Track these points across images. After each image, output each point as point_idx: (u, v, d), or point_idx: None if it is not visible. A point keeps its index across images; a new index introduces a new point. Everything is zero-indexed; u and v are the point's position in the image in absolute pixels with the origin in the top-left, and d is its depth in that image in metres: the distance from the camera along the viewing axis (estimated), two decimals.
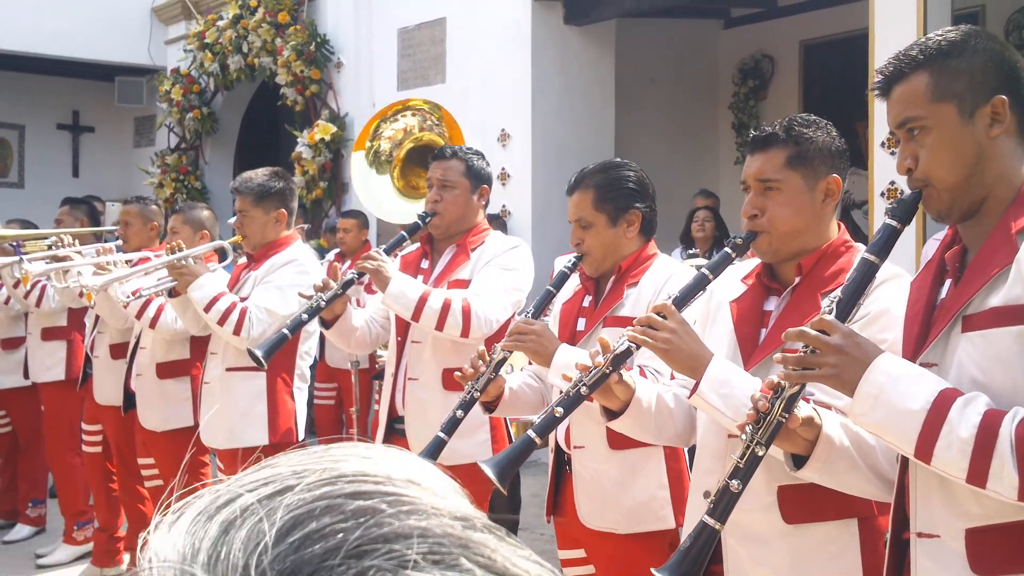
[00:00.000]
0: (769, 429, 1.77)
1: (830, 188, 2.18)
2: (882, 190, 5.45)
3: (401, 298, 3.24)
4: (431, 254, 3.52)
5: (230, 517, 0.50)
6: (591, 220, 2.75)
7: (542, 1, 7.26)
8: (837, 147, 2.20)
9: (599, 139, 7.55)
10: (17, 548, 5.72)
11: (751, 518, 2.12)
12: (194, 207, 4.53)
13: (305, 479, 0.52)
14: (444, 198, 3.40)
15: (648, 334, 2.08)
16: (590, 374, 2.16)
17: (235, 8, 9.10)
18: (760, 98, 9.12)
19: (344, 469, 0.52)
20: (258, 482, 0.52)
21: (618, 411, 2.27)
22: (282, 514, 0.49)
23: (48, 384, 5.47)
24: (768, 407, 1.77)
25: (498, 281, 3.30)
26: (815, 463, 1.86)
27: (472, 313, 3.22)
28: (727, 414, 2.03)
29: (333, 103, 8.56)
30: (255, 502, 0.50)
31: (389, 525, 0.49)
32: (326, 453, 0.55)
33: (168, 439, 4.29)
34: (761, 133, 2.22)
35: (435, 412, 3.27)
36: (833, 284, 2.12)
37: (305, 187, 8.30)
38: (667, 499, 2.71)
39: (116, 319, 4.58)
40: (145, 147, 11.16)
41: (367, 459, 0.54)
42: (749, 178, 2.21)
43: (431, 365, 3.37)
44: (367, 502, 0.50)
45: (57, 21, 9.87)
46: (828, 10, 8.25)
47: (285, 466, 0.54)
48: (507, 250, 3.40)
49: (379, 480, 0.52)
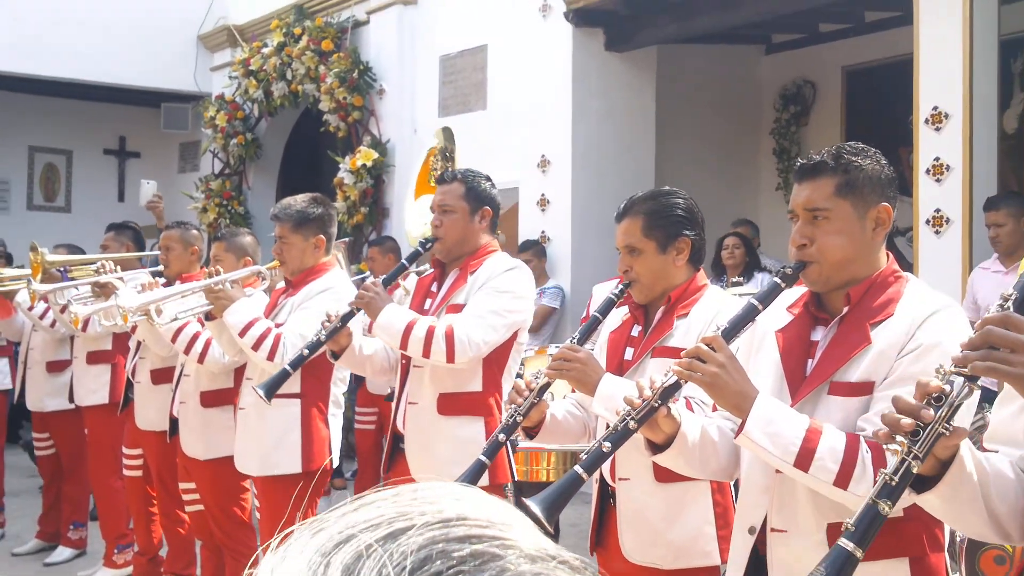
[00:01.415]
0: (930, 440, 1.58)
1: (880, 217, 2.14)
2: (927, 217, 5.37)
3: (388, 328, 3.29)
4: (441, 278, 3.56)
5: (352, 557, 0.51)
6: (640, 247, 2.72)
7: (583, 28, 7.27)
8: (887, 175, 2.16)
9: (639, 165, 7.53)
10: (58, 570, 5.77)
11: (799, 556, 2.07)
12: (236, 233, 4.56)
13: (414, 521, 0.53)
14: (444, 222, 3.44)
15: (695, 367, 2.05)
16: (639, 408, 2.12)
17: (280, 36, 9.22)
18: (802, 124, 9.05)
19: (447, 512, 0.54)
20: (368, 523, 0.53)
21: (663, 444, 2.22)
22: (408, 554, 0.51)
23: (92, 407, 5.51)
24: (932, 416, 1.58)
25: (487, 304, 3.31)
26: (943, 488, 1.68)
27: (455, 338, 3.23)
28: (775, 453, 1.99)
29: (375, 129, 8.63)
30: (374, 542, 0.52)
31: (509, 570, 0.50)
32: (418, 494, 0.56)
33: (210, 467, 4.30)
34: (809, 161, 2.18)
35: (432, 435, 3.32)
36: (882, 314, 2.09)
37: (346, 212, 8.35)
38: (713, 535, 2.67)
39: (161, 347, 4.61)
40: (190, 172, 11.31)
41: (460, 500, 0.56)
42: (797, 207, 2.17)
43: (429, 390, 3.39)
44: (480, 546, 0.52)
45: (105, 49, 10.06)
46: (870, 36, 8.19)
47: (386, 506, 0.55)
48: (502, 272, 3.40)
49: (483, 524, 0.54)
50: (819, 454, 1.97)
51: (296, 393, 3.84)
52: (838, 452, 1.97)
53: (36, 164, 11.66)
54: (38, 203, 11.66)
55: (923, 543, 2.04)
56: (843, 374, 2.08)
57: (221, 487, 4.33)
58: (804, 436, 1.99)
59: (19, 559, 5.98)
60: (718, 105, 8.94)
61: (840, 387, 2.08)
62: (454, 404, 3.38)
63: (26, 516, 6.62)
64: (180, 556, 4.98)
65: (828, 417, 2.06)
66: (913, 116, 5.47)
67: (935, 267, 5.23)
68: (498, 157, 7.54)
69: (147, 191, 7.23)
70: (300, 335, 3.72)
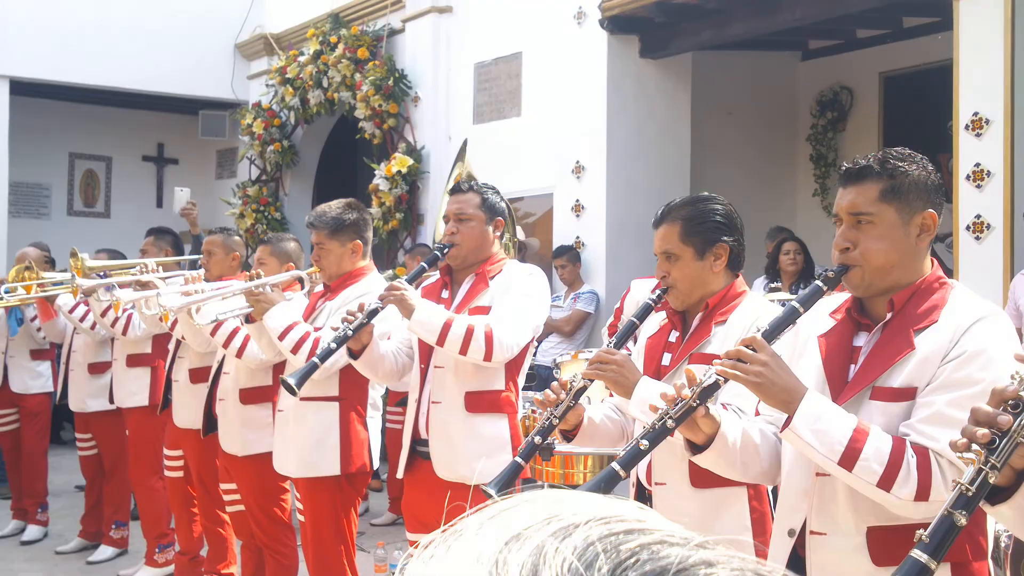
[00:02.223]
0: (1009, 449, 1.58)
1: (925, 223, 2.13)
2: (968, 223, 5.33)
3: (427, 324, 3.31)
4: (451, 284, 3.60)
5: (534, 551, 0.51)
6: (678, 253, 2.72)
7: (618, 35, 7.29)
8: (933, 182, 2.15)
9: (675, 172, 7.53)
10: (100, 569, 5.85)
11: (839, 559, 2.08)
12: (281, 239, 4.62)
13: (573, 520, 0.53)
14: (461, 230, 3.49)
15: (739, 367, 2.04)
16: (676, 407, 2.12)
17: (316, 44, 9.30)
18: (839, 130, 9.00)
19: (596, 512, 0.54)
20: (527, 524, 0.53)
21: (703, 445, 2.22)
22: (596, 541, 0.51)
23: (133, 409, 5.58)
24: (1011, 422, 1.58)
25: (518, 307, 3.38)
26: (1020, 498, 1.68)
27: (495, 338, 3.29)
28: (820, 450, 1.99)
29: (410, 136, 8.68)
30: (549, 536, 0.51)
31: (694, 555, 0.51)
32: (550, 499, 0.56)
33: (249, 464, 4.35)
34: (855, 165, 2.17)
35: (458, 433, 3.36)
36: (926, 321, 2.08)
37: (382, 218, 8.41)
38: (749, 542, 2.66)
39: (199, 343, 4.67)
40: (227, 179, 11.43)
41: (585, 502, 0.56)
42: (841, 211, 2.16)
43: (454, 389, 3.42)
44: (647, 539, 0.52)
45: (144, 58, 10.20)
46: (908, 41, 8.14)
47: (520, 509, 0.54)
48: (525, 276, 3.49)
49: (631, 519, 0.54)
50: (865, 454, 1.97)
51: (335, 396, 3.88)
52: (884, 454, 1.97)
53: (76, 170, 11.83)
54: (78, 209, 11.83)
55: (966, 550, 2.02)
56: (886, 380, 2.08)
57: (261, 487, 4.37)
58: (851, 436, 1.98)
59: (62, 557, 6.07)
60: (754, 112, 8.91)
61: (882, 392, 2.08)
62: (480, 402, 3.42)
63: (69, 515, 6.72)
64: (220, 556, 5.03)
65: (870, 422, 2.05)
66: (953, 122, 5.44)
67: (976, 274, 5.19)
68: (533, 163, 7.57)
69: (181, 198, 7.32)
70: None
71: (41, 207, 11.56)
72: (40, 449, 6.62)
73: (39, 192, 11.55)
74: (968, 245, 5.32)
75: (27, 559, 6.06)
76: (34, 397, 6.55)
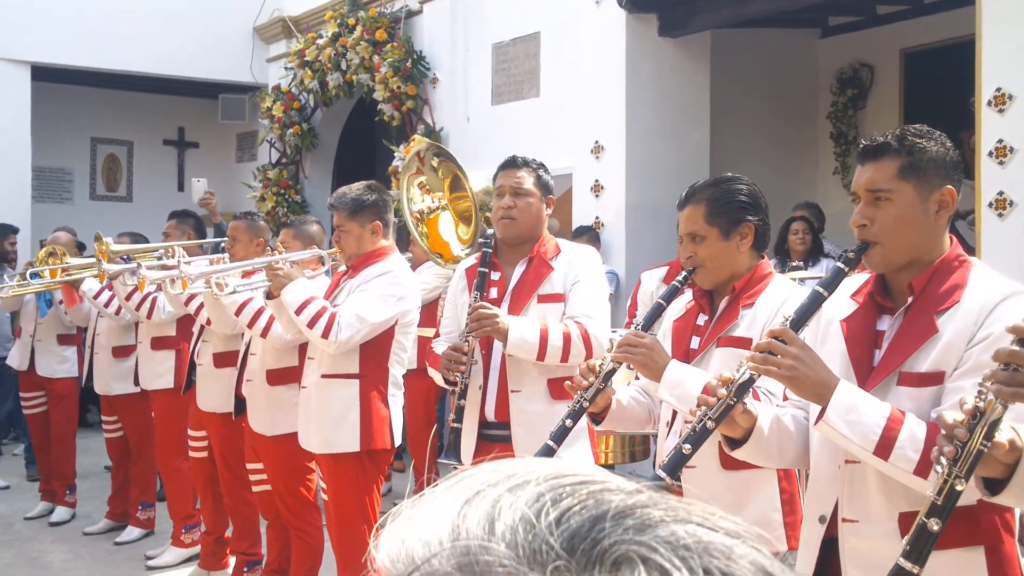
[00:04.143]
0: (969, 460, 1.69)
1: (944, 200, 2.11)
2: (990, 200, 5.30)
3: (523, 344, 3.32)
4: (501, 266, 3.55)
5: (489, 503, 0.55)
6: (703, 233, 2.71)
7: (636, 14, 7.26)
8: (952, 158, 2.14)
9: (694, 151, 7.51)
10: (127, 549, 5.93)
11: (871, 545, 2.07)
12: (304, 222, 4.65)
13: (528, 478, 0.57)
14: (518, 204, 3.46)
15: (770, 361, 2.04)
16: (715, 407, 2.12)
17: (334, 27, 9.31)
18: (859, 107, 8.94)
19: (551, 471, 0.58)
20: (481, 485, 0.57)
21: (740, 439, 2.22)
22: (544, 490, 0.55)
23: (158, 392, 5.64)
24: (967, 435, 1.69)
25: (599, 300, 3.37)
26: (1015, 489, 1.76)
27: (592, 338, 3.32)
28: (855, 441, 1.98)
29: (429, 118, 8.69)
30: (505, 492, 0.56)
31: (616, 501, 0.54)
32: (511, 464, 0.60)
33: (276, 444, 4.40)
34: (873, 143, 2.15)
35: (542, 422, 3.29)
36: (948, 302, 2.06)
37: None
38: (780, 522, 2.66)
39: (224, 324, 4.71)
40: (247, 162, 11.48)
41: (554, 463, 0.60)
42: (859, 188, 2.15)
43: (536, 377, 3.41)
44: (593, 487, 0.56)
45: (164, 42, 10.25)
46: (929, 17, 8.06)
47: (486, 474, 0.59)
48: (589, 261, 3.48)
49: (581, 474, 0.58)
50: (900, 443, 1.95)
51: (355, 374, 3.91)
52: (919, 441, 1.95)
53: (98, 155, 11.93)
54: (100, 193, 11.93)
55: (999, 531, 2.02)
56: (912, 364, 2.06)
57: (287, 466, 4.42)
58: (885, 424, 1.97)
59: (90, 538, 6.15)
60: (773, 90, 8.86)
61: (909, 377, 2.06)
62: (564, 389, 3.41)
63: (96, 497, 6.81)
64: (246, 536, 5.09)
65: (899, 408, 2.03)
66: (975, 98, 5.39)
67: (998, 251, 5.15)
68: (551, 144, 7.56)
69: (199, 188, 7.37)
70: (356, 314, 3.78)
71: (64, 192, 11.66)
72: (68, 432, 6.70)
73: (62, 177, 11.65)
74: (990, 222, 5.29)
75: (55, 540, 6.15)
76: (61, 380, 6.62)
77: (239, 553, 5.10)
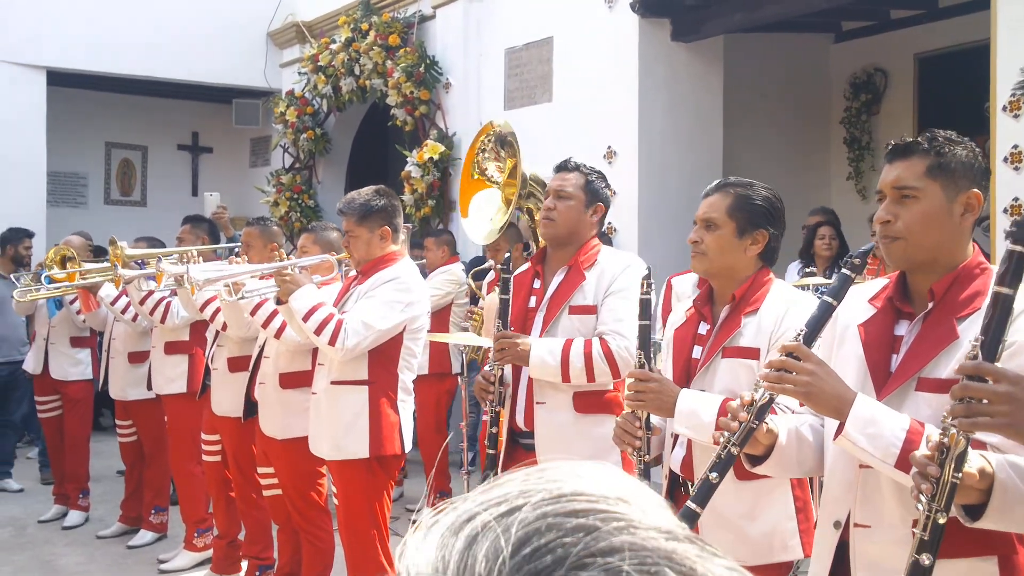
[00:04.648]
0: (946, 493, 1.75)
1: (970, 203, 2.11)
2: (1005, 206, 5.27)
3: (544, 367, 3.33)
4: (543, 274, 3.54)
5: (472, 533, 0.57)
6: (720, 223, 2.72)
7: (649, 18, 7.25)
8: (979, 165, 2.14)
9: (707, 156, 7.49)
10: (140, 553, 5.96)
11: (884, 551, 2.05)
12: (324, 228, 4.66)
13: (531, 499, 0.58)
14: (558, 207, 3.44)
15: (786, 379, 2.03)
16: (737, 432, 2.12)
17: (347, 32, 9.34)
18: (873, 113, 8.91)
19: (564, 489, 0.58)
20: (492, 501, 0.58)
21: (761, 455, 2.23)
22: (515, 530, 0.56)
23: (171, 396, 5.65)
24: (939, 472, 1.75)
25: (629, 312, 3.26)
26: (993, 513, 1.80)
27: (615, 356, 3.29)
28: (875, 454, 1.97)
29: (441, 123, 8.70)
30: (492, 520, 0.57)
31: (605, 540, 0.55)
32: (544, 473, 0.60)
33: (287, 448, 4.41)
34: (902, 142, 2.16)
35: (569, 433, 3.32)
36: (968, 308, 2.05)
37: (414, 205, 8.45)
38: (795, 529, 2.66)
39: (238, 326, 4.71)
40: (261, 167, 11.52)
41: (581, 478, 0.60)
42: (886, 186, 2.15)
43: (561, 389, 3.40)
44: (584, 520, 0.56)
45: (178, 47, 10.30)
46: (944, 22, 8.03)
47: (512, 485, 0.60)
48: (624, 272, 3.40)
49: (594, 499, 0.58)
50: None
51: (364, 380, 3.91)
52: None
53: (113, 159, 11.98)
54: (115, 197, 11.99)
55: (1012, 540, 2.00)
56: (931, 370, 2.05)
57: (298, 470, 4.43)
58: (905, 437, 1.96)
59: (103, 542, 6.18)
60: (787, 95, 8.84)
61: (928, 383, 2.05)
62: (590, 403, 3.41)
63: (108, 501, 6.84)
64: (258, 540, 5.10)
65: (917, 414, 2.02)
66: (990, 103, 5.37)
67: None
68: (564, 149, 7.51)
69: (211, 202, 7.41)
70: (363, 321, 3.78)
71: (79, 196, 11.72)
72: (83, 435, 6.73)
73: (77, 181, 11.70)
74: (1006, 228, 5.26)
75: (68, 543, 6.18)
76: (76, 384, 6.66)
77: (251, 557, 5.12)
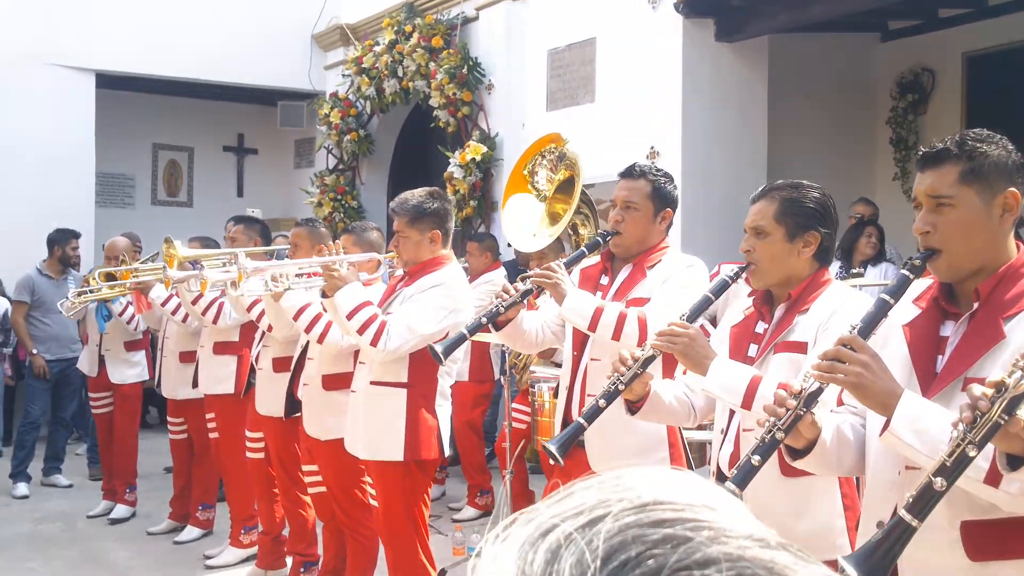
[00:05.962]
0: (985, 429, 1.69)
1: (1008, 203, 2.08)
2: None
3: (577, 310, 3.34)
4: (611, 271, 3.56)
5: (553, 546, 0.54)
6: (768, 230, 2.70)
7: (693, 18, 7.22)
8: (1015, 161, 2.10)
9: (751, 156, 7.44)
10: (186, 549, 6.04)
11: (930, 555, 2.02)
12: (365, 228, 4.68)
13: (612, 509, 0.56)
14: (626, 219, 3.44)
15: (836, 369, 2.01)
16: (783, 417, 2.10)
17: (391, 34, 9.40)
18: (920, 112, 8.80)
19: (645, 497, 0.56)
20: (568, 513, 0.56)
21: (802, 449, 2.19)
22: (601, 542, 0.53)
23: (217, 396, 5.71)
24: (989, 407, 1.69)
25: (675, 300, 3.28)
26: None
27: (648, 325, 3.25)
28: (923, 452, 1.93)
29: (484, 124, 8.73)
30: (573, 531, 0.55)
31: (699, 551, 0.52)
32: (619, 481, 0.58)
33: (330, 448, 4.45)
34: (932, 149, 2.13)
35: (615, 429, 3.26)
36: (1015, 308, 2.03)
37: (456, 206, 8.48)
38: (844, 527, 2.63)
39: (284, 327, 4.74)
40: (305, 168, 11.62)
41: (659, 485, 0.58)
42: (920, 195, 2.13)
43: None
44: (672, 530, 0.53)
45: (224, 49, 10.42)
46: (992, 20, 7.91)
47: (588, 494, 0.58)
48: (684, 269, 3.43)
49: (679, 507, 0.55)
50: None
51: (403, 382, 3.92)
52: (988, 450, 1.87)
53: (160, 161, 12.14)
54: (162, 198, 12.15)
55: None
56: (977, 371, 2.02)
57: (342, 469, 4.46)
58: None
59: (152, 537, 6.28)
60: (832, 95, 8.76)
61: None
62: None
63: (155, 497, 6.94)
64: (302, 537, 5.15)
65: None
66: None
67: None
68: (607, 150, 7.54)
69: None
70: (407, 325, 3.80)
71: (127, 197, 11.89)
72: (132, 431, 6.84)
73: (124, 182, 11.88)
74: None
75: (116, 539, 6.28)
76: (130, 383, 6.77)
77: (296, 554, 5.16)
